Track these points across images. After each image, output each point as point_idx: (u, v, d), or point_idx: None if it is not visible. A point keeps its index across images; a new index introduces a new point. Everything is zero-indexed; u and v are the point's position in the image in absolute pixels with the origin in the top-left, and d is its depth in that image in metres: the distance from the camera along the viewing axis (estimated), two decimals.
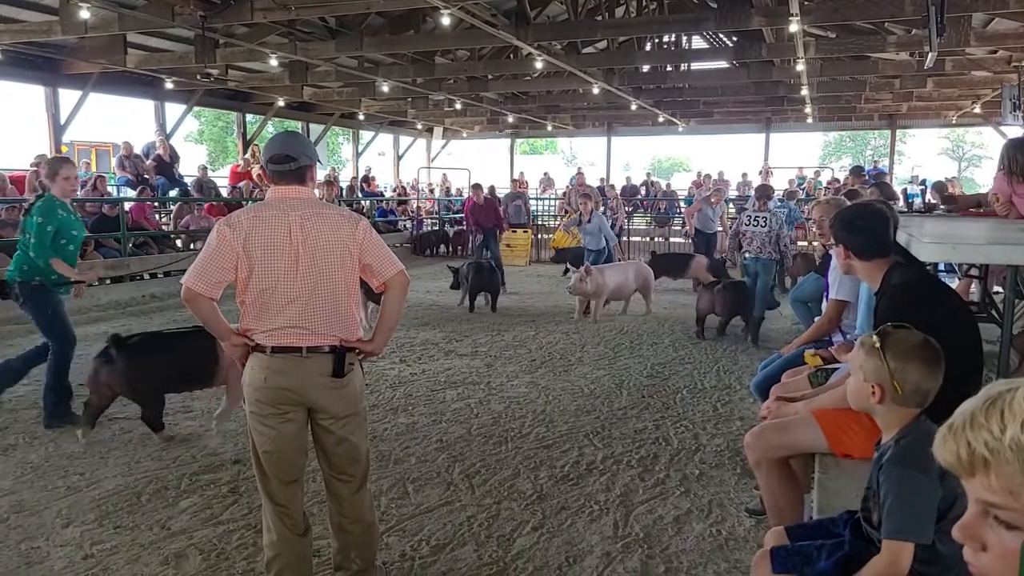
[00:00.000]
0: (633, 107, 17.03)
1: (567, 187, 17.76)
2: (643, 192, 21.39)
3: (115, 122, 17.82)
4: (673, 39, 14.24)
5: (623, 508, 3.65)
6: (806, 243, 10.77)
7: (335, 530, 2.79)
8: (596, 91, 14.79)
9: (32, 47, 11.69)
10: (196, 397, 5.52)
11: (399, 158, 24.36)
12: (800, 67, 11.79)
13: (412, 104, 18.66)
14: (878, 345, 1.86)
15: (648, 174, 24.68)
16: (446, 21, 9.44)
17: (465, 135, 24.86)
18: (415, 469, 4.15)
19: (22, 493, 3.78)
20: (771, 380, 3.77)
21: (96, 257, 10.19)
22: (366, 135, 22.86)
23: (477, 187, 12.38)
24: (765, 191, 8.46)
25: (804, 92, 14.45)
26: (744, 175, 21.65)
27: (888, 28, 11.64)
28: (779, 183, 19.90)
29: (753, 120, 21.59)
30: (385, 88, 14.74)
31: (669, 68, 15.20)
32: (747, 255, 7.62)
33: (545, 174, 24.60)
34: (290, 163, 2.61)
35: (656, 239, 17.72)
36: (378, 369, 6.31)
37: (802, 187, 18.04)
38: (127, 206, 11.15)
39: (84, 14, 9.49)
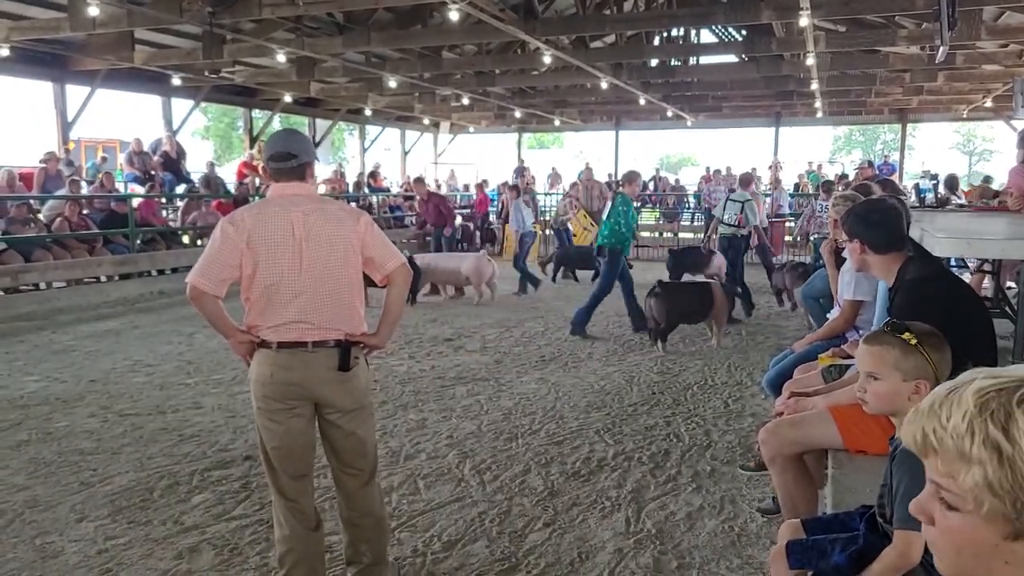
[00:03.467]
0: (641, 101, 16.97)
1: (575, 182, 17.70)
2: (651, 187, 21.33)
3: (122, 119, 17.84)
4: (682, 33, 14.18)
5: (635, 504, 3.64)
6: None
7: (345, 524, 2.80)
8: (604, 86, 14.75)
9: (40, 44, 11.71)
10: (206, 394, 5.54)
11: (406, 153, 24.35)
12: (810, 61, 11.71)
13: (419, 99, 18.63)
14: (915, 342, 1.84)
15: (657, 169, 24.59)
16: (454, 16, 9.43)
17: (472, 130, 24.84)
18: (426, 465, 4.15)
19: (36, 489, 3.80)
20: (783, 376, 3.75)
21: (104, 253, 10.23)
22: (373, 130, 22.86)
23: (419, 181, 12.64)
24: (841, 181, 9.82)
25: (814, 86, 14.37)
26: (753, 169, 21.56)
27: (899, 22, 11.55)
28: (788, 177, 19.82)
29: (762, 114, 21.49)
30: (392, 83, 14.74)
31: (677, 62, 15.13)
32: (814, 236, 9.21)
33: (553, 169, 24.52)
34: (291, 160, 2.62)
35: (664, 234, 17.67)
36: (387, 365, 6.32)
37: (814, 181, 17.95)
38: (135, 202, 11.18)
39: (92, 11, 9.50)
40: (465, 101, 17.58)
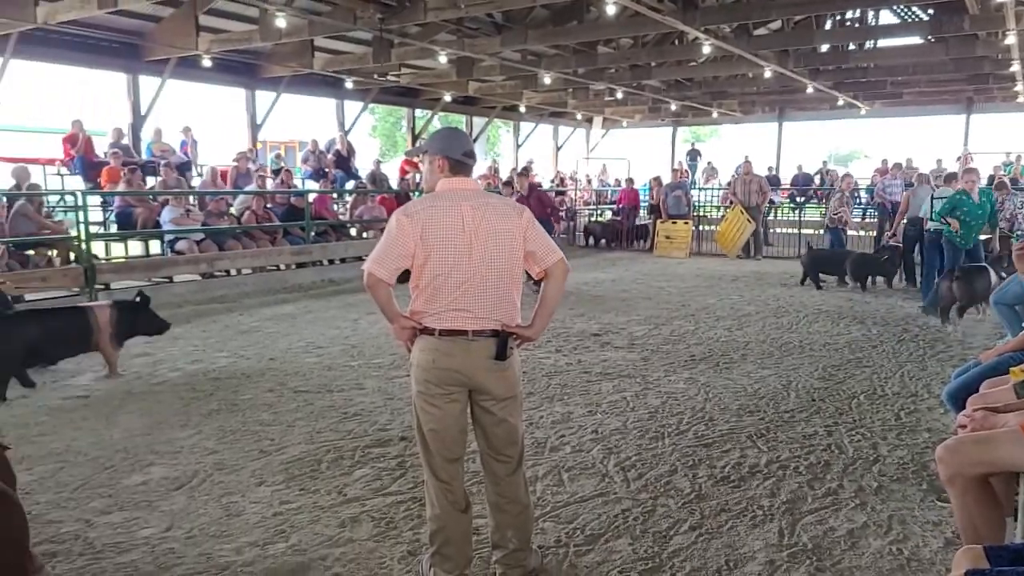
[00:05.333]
0: (809, 90, 16.00)
1: (732, 176, 16.98)
2: (817, 181, 20.02)
3: (301, 120, 19.44)
4: (857, 15, 13.16)
5: (789, 516, 3.45)
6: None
7: (492, 509, 2.88)
8: (768, 74, 14.05)
9: (235, 54, 13.02)
10: (368, 376, 5.92)
11: (558, 149, 24.54)
12: (1010, 40, 10.46)
13: (572, 95, 18.71)
14: None
15: (824, 162, 23.02)
16: (611, 10, 9.36)
17: (625, 124, 24.55)
18: (570, 458, 4.18)
19: (223, 453, 4.24)
20: (967, 389, 3.40)
21: (284, 244, 11.20)
22: (526, 127, 23.25)
23: (522, 173, 12.15)
24: None
25: (1014, 68, 12.83)
26: (938, 162, 19.61)
27: None
28: (982, 170, 17.83)
29: (950, 101, 19.51)
30: (547, 80, 14.90)
31: (852, 47, 14.08)
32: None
33: (709, 163, 23.67)
34: (473, 159, 2.83)
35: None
36: (534, 358, 6.42)
37: (1008, 174, 16.02)
38: (310, 197, 12.14)
39: (280, 22, 10.44)
40: (619, 95, 17.42)
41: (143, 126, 13.06)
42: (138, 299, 6.16)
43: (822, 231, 13.00)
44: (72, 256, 9.06)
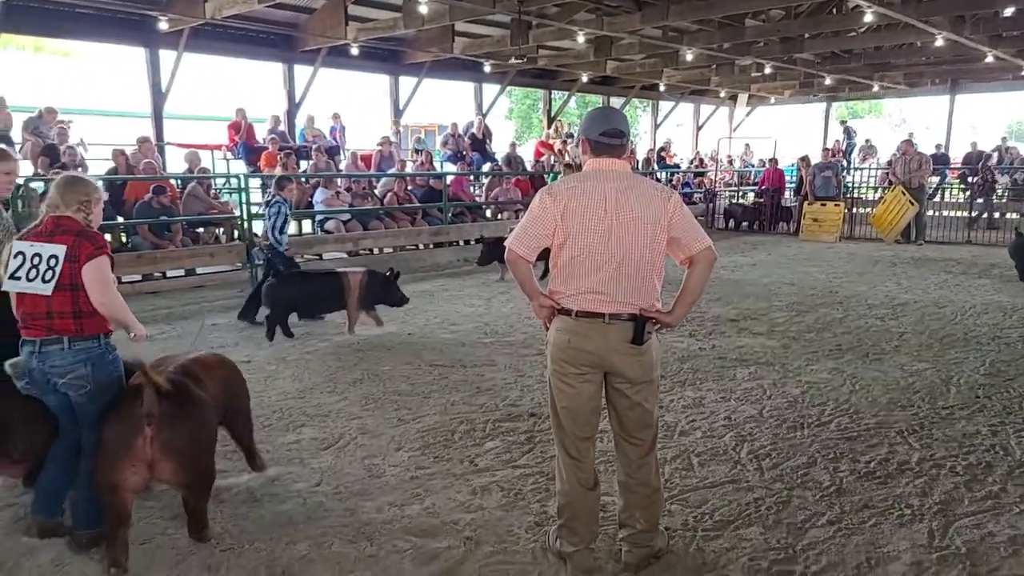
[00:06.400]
0: (988, 59, 14.45)
1: (892, 155, 15.67)
2: (994, 159, 18.07)
3: (440, 104, 20.02)
4: None
5: (942, 517, 3.21)
6: None
7: (622, 489, 2.89)
8: (939, 43, 12.81)
9: (380, 42, 13.61)
10: (499, 353, 6.07)
11: (698, 128, 23.72)
12: None
13: (716, 71, 17.97)
14: None
15: (1004, 138, 20.73)
16: None
17: (773, 101, 23.26)
18: (700, 443, 4.09)
19: (366, 419, 4.53)
20: None
21: (423, 225, 11.66)
22: (665, 106, 22.63)
23: (568, 167, 11.48)
24: None
25: None
26: None
27: None
28: None
29: None
30: (689, 56, 14.42)
31: None
32: None
33: (867, 141, 21.97)
34: (621, 138, 2.72)
35: (1014, 215, 14.85)
36: (666, 341, 6.30)
37: None
38: (448, 180, 12.53)
39: (423, 9, 10.79)
40: (767, 70, 16.54)
41: (297, 113, 13.98)
42: (389, 273, 6.90)
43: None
44: (235, 234, 9.93)
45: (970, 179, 16.72)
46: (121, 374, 3.05)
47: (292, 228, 11.58)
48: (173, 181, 9.77)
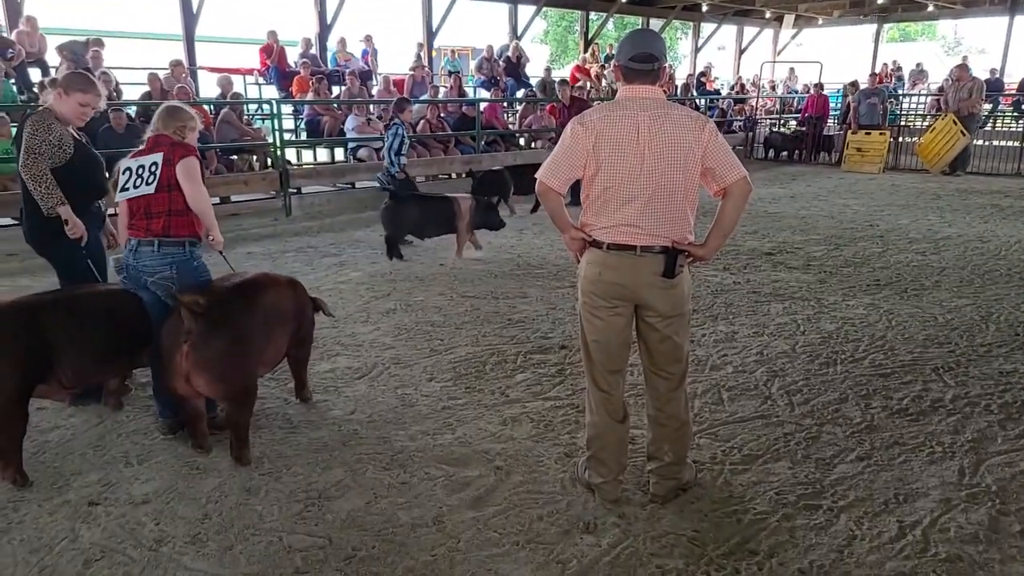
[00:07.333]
0: None
1: (944, 81, 14.91)
2: None
3: (474, 26, 19.48)
4: None
5: (973, 455, 3.20)
6: None
7: (651, 422, 2.92)
8: None
9: None
10: (531, 286, 6.08)
11: (741, 52, 22.77)
12: None
13: None
14: None
15: None
16: None
17: (821, 22, 22.15)
18: (731, 378, 4.10)
19: (399, 349, 4.61)
20: None
21: (455, 153, 11.52)
22: (707, 28, 21.71)
23: (563, 83, 11.17)
24: None
25: None
26: None
27: None
28: None
29: None
30: None
31: None
32: None
33: (918, 65, 20.91)
34: (652, 63, 2.60)
35: None
36: (700, 275, 6.24)
37: None
38: (481, 106, 12.28)
39: None
40: None
41: (328, 36, 13.70)
42: (493, 199, 7.38)
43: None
44: (269, 161, 9.94)
45: None
46: (206, 281, 3.33)
47: (324, 155, 11.60)
48: (206, 107, 9.74)
